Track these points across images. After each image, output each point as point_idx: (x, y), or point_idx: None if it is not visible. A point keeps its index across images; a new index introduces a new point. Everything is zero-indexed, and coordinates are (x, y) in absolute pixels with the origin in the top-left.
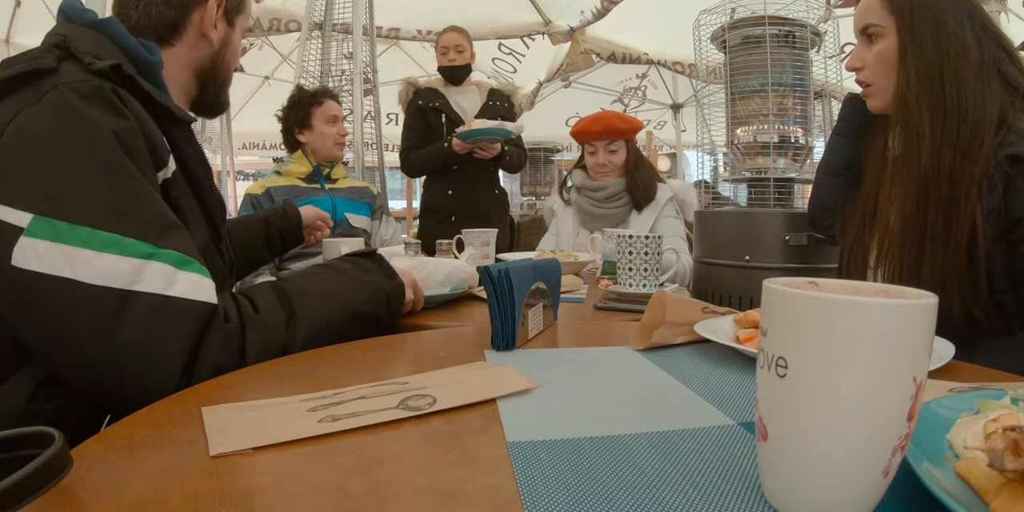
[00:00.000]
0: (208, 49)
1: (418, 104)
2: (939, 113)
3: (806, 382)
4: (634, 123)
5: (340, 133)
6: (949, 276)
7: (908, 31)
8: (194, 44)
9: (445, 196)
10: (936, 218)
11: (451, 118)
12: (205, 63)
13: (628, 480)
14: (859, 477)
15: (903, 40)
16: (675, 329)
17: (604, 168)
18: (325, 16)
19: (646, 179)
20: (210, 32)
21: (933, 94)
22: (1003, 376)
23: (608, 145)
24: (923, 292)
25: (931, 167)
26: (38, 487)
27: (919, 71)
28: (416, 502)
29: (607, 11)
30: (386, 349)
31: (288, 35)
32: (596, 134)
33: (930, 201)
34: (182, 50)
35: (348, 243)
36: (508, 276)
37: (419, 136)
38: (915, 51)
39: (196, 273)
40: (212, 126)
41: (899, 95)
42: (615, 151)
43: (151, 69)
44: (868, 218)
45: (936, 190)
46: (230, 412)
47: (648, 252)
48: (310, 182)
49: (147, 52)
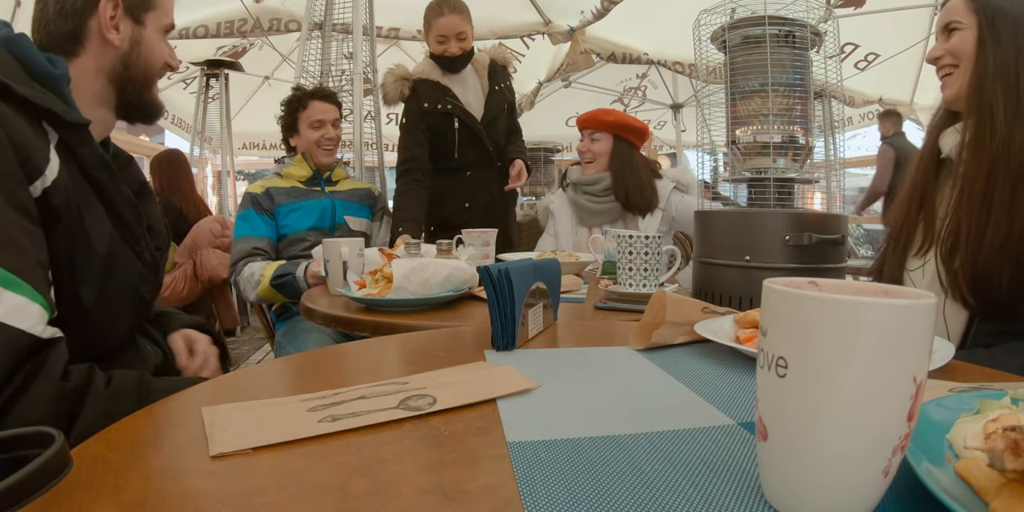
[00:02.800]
0: (114, 52)
1: (423, 107)
2: (1012, 97)
3: (806, 382)
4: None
5: (326, 137)
6: (1008, 252)
7: (989, 26)
8: (99, 50)
9: (463, 209)
10: (1003, 193)
11: (465, 123)
12: (116, 66)
13: (628, 480)
14: (859, 477)
15: (983, 33)
16: (675, 329)
17: (585, 156)
18: (325, 16)
19: (634, 184)
20: (109, 35)
21: (1007, 80)
22: (1003, 376)
23: (591, 133)
24: (923, 292)
25: (1002, 144)
26: (38, 487)
27: (996, 59)
28: (416, 502)
29: (607, 11)
30: (386, 349)
31: (288, 35)
32: (581, 122)
33: (998, 177)
34: (89, 59)
35: (348, 243)
36: (508, 276)
37: (422, 144)
38: (994, 43)
39: (22, 296)
40: (212, 126)
41: (976, 79)
42: (597, 140)
43: (55, 83)
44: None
45: (1004, 166)
46: (230, 412)
47: (648, 252)
48: (310, 185)
49: (51, 66)
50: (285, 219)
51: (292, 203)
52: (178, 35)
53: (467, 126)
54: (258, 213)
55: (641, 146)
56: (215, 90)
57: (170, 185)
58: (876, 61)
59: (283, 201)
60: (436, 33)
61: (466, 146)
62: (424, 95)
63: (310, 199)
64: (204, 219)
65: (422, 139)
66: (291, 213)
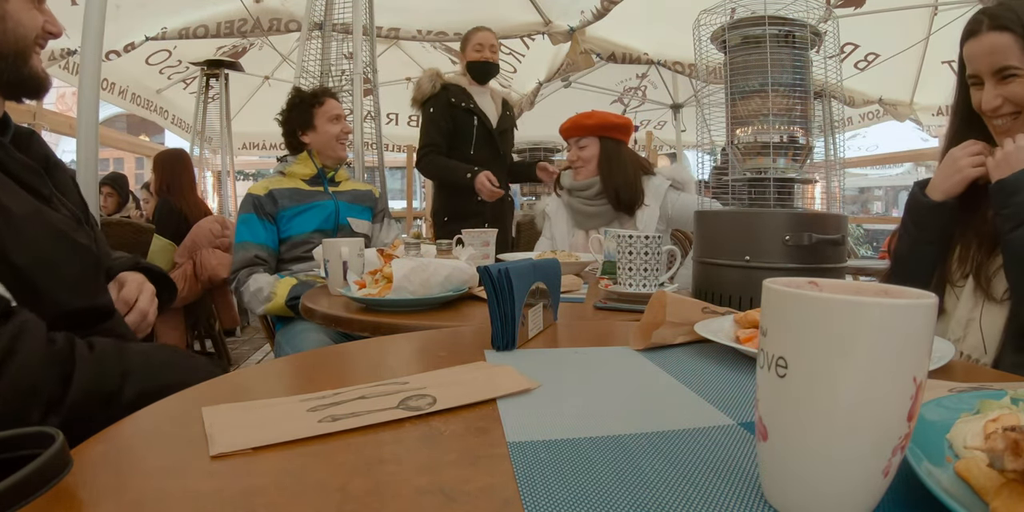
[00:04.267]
0: None
1: (450, 100)
2: None
3: (806, 382)
4: (600, 121)
5: (344, 131)
6: None
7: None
8: None
9: (478, 202)
10: None
11: (483, 123)
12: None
13: (628, 480)
14: (859, 477)
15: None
16: (675, 329)
17: (575, 164)
18: (325, 16)
19: (622, 182)
20: None
21: None
22: (1003, 376)
23: (577, 141)
24: (923, 292)
25: None
26: (38, 487)
27: None
28: (416, 502)
29: (607, 11)
30: (386, 349)
31: (288, 35)
32: (565, 131)
33: None
34: None
35: (348, 243)
36: (508, 276)
37: (444, 135)
38: None
39: None
40: (212, 126)
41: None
42: (584, 147)
43: None
44: None
45: None
46: (230, 412)
47: (648, 252)
48: (313, 185)
49: None
50: (289, 223)
51: (296, 206)
52: (178, 35)
53: (484, 126)
54: (259, 217)
55: (628, 139)
56: (215, 90)
57: (171, 185)
58: (876, 61)
59: (287, 205)
60: (475, 42)
61: (481, 144)
62: (453, 92)
63: (314, 201)
64: (204, 219)
65: (444, 130)
66: (295, 217)
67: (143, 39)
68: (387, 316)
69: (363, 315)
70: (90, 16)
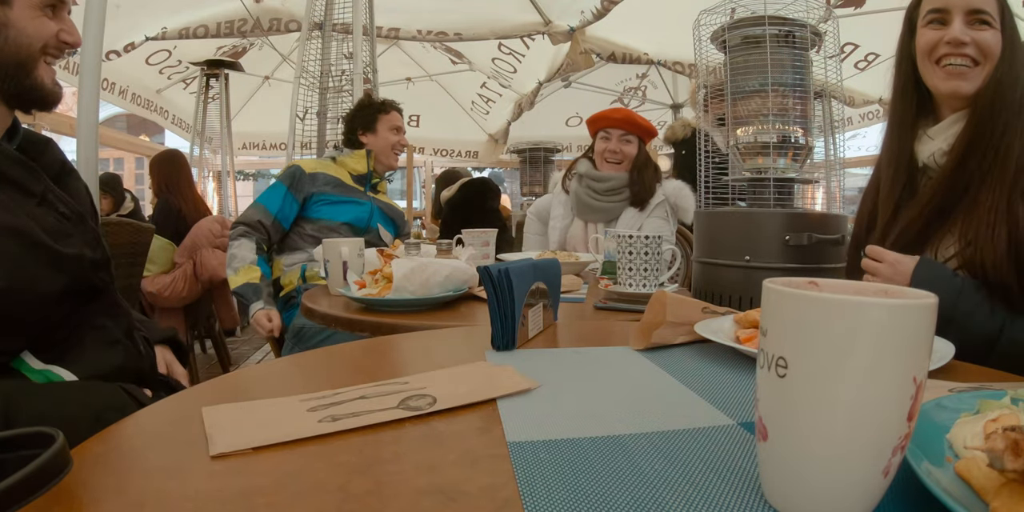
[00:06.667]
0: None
1: None
2: (1015, 107)
3: (806, 382)
4: (651, 127)
5: (401, 143)
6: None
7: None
8: None
9: None
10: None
11: None
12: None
13: (628, 480)
14: (859, 477)
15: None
16: (675, 329)
17: (615, 156)
18: (325, 16)
19: (649, 180)
20: None
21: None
22: (1003, 376)
23: (624, 135)
24: (923, 292)
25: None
26: (38, 487)
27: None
28: (416, 502)
29: (607, 11)
30: (386, 349)
31: (288, 35)
32: (616, 121)
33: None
34: None
35: (348, 243)
36: (508, 276)
37: None
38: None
39: None
40: (212, 126)
41: (994, 83)
42: (629, 142)
43: None
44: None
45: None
46: (230, 412)
47: (648, 252)
48: (358, 183)
49: None
50: (321, 208)
51: (335, 195)
52: (178, 35)
53: None
54: (288, 191)
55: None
56: (215, 90)
57: (169, 185)
58: (876, 61)
59: (327, 191)
60: None
61: None
62: None
63: (356, 198)
64: (204, 219)
65: None
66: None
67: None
68: (387, 316)
69: (363, 315)
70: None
